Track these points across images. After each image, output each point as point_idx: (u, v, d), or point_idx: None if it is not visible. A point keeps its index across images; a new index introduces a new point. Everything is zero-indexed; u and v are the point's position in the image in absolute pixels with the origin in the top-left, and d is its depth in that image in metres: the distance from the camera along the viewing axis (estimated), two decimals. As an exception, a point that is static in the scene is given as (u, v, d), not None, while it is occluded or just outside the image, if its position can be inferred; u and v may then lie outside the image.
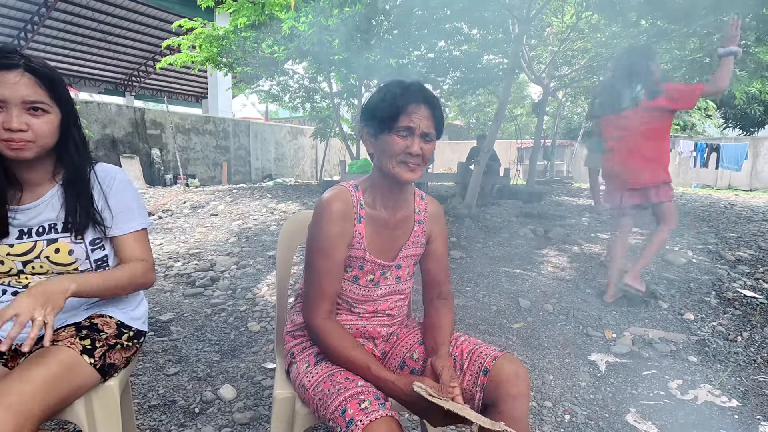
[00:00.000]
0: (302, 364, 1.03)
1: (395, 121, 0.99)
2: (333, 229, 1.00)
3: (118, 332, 1.06)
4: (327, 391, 0.92)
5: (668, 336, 2.24)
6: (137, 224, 1.09)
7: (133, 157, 9.16)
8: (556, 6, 6.84)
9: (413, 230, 1.13)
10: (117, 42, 14.66)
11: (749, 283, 2.88)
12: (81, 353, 0.94)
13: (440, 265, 1.18)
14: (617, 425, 1.57)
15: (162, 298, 2.75)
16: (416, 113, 0.99)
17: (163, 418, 1.57)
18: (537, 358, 2.05)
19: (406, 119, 0.99)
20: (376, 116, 1.01)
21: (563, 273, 3.08)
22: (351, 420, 0.83)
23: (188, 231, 4.60)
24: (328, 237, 1.00)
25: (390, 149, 1.00)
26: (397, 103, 0.99)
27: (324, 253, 1.00)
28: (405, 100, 0.99)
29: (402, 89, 1.00)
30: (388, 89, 1.02)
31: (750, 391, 1.76)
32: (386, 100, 1.00)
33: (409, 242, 1.13)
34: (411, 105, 0.99)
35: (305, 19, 5.24)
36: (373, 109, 1.02)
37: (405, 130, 0.99)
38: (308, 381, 0.97)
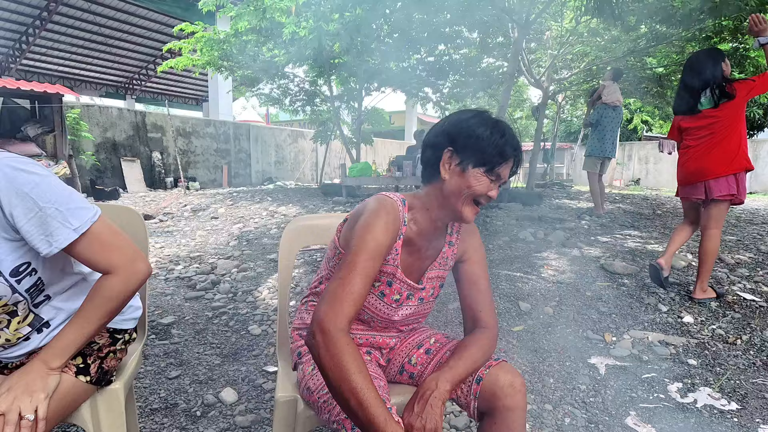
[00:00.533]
0: (308, 365, 1.01)
1: (495, 165, 0.97)
2: (384, 236, 0.94)
3: (111, 340, 1.01)
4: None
5: (668, 339, 2.25)
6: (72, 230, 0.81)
7: (134, 160, 9.18)
8: (555, 10, 6.88)
9: (442, 251, 1.09)
10: (118, 46, 14.72)
11: (749, 286, 2.89)
12: (76, 375, 0.90)
13: (477, 289, 1.09)
14: (617, 428, 1.58)
15: (163, 301, 2.76)
16: (509, 165, 1.00)
17: (165, 421, 1.58)
18: (537, 361, 2.06)
19: (505, 168, 0.98)
20: (480, 150, 0.96)
21: (563, 276, 3.08)
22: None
23: (189, 234, 4.61)
24: (377, 240, 0.92)
25: (474, 187, 0.96)
26: (508, 152, 0.97)
27: (369, 254, 0.90)
28: (513, 151, 0.98)
29: (514, 141, 0.99)
30: (500, 130, 0.98)
31: (750, 395, 1.77)
32: (498, 144, 0.96)
33: (436, 263, 1.08)
34: (513, 159, 0.99)
35: (306, 24, 5.27)
36: (480, 144, 0.96)
37: (496, 176, 0.98)
38: (313, 384, 0.96)
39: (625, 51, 6.61)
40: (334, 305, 0.83)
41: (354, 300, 0.85)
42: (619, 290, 2.84)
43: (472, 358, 0.98)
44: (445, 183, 0.98)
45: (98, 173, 8.54)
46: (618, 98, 5.23)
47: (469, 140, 0.97)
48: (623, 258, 3.41)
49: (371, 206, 0.98)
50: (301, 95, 9.10)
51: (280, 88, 8.88)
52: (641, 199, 7.57)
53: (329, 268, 1.08)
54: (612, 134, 5.18)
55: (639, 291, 2.83)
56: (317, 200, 6.59)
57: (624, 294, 2.79)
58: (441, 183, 0.99)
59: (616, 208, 6.23)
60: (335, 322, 0.81)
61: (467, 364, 0.97)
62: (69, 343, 0.85)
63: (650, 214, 5.79)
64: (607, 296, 2.76)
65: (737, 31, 5.30)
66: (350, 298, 0.84)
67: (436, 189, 1.01)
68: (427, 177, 1.04)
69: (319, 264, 3.35)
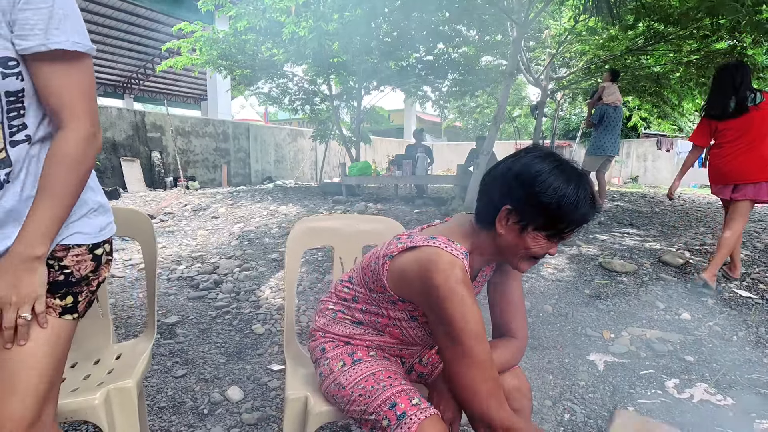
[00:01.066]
0: (336, 361, 1.01)
1: (561, 232, 0.89)
2: (477, 310, 0.87)
3: (95, 263, 0.85)
4: (370, 388, 0.93)
5: (665, 336, 2.29)
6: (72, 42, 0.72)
7: (134, 160, 9.19)
8: (553, 9, 6.90)
9: (482, 270, 1.06)
10: (116, 45, 14.69)
11: (745, 284, 2.93)
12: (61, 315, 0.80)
13: (508, 300, 1.06)
14: (615, 423, 1.61)
15: (166, 301, 2.79)
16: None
17: (173, 419, 1.61)
18: (537, 358, 2.09)
19: (570, 234, 0.91)
20: (543, 214, 0.87)
21: (562, 274, 3.12)
22: (404, 414, 0.86)
23: (190, 234, 4.64)
24: (479, 320, 0.86)
25: (532, 249, 0.90)
26: (580, 220, 0.89)
27: (482, 337, 0.86)
28: (587, 220, 0.90)
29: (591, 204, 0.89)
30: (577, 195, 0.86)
31: (745, 389, 1.81)
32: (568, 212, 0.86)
33: (476, 282, 1.06)
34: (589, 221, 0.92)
35: (305, 24, 5.28)
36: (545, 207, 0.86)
37: (560, 239, 0.92)
38: (345, 379, 0.97)
39: (623, 49, 6.63)
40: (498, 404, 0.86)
41: (500, 385, 0.88)
42: (617, 288, 2.88)
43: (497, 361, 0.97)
44: (500, 237, 0.92)
45: (98, 173, 8.51)
46: (618, 98, 5.29)
47: (534, 203, 0.86)
48: (621, 256, 3.45)
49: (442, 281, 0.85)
50: (300, 94, 9.11)
51: (279, 87, 8.89)
52: (639, 197, 7.61)
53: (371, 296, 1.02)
54: (613, 133, 5.24)
55: (637, 289, 2.87)
56: (317, 199, 6.61)
57: (622, 292, 2.83)
58: (496, 234, 0.92)
59: (614, 206, 6.27)
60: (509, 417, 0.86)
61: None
62: (48, 225, 0.74)
63: (648, 211, 5.83)
64: (606, 294, 2.80)
65: (734, 30, 5.32)
66: (498, 387, 0.88)
67: (489, 237, 0.94)
68: (481, 221, 0.95)
69: (320, 263, 3.38)
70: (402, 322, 1.02)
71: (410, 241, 0.94)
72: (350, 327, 1.06)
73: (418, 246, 0.92)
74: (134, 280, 3.16)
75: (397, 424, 0.85)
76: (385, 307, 1.01)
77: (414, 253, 0.91)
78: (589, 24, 6.56)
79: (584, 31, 6.78)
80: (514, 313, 1.05)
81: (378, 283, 0.99)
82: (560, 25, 7.18)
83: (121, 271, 3.33)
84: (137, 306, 2.70)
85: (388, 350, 1.09)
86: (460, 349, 0.86)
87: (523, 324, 1.05)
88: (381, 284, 0.98)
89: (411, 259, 0.91)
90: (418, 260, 0.89)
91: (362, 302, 1.05)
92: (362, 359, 1.01)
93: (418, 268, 0.89)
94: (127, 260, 3.60)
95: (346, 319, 1.07)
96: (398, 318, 1.02)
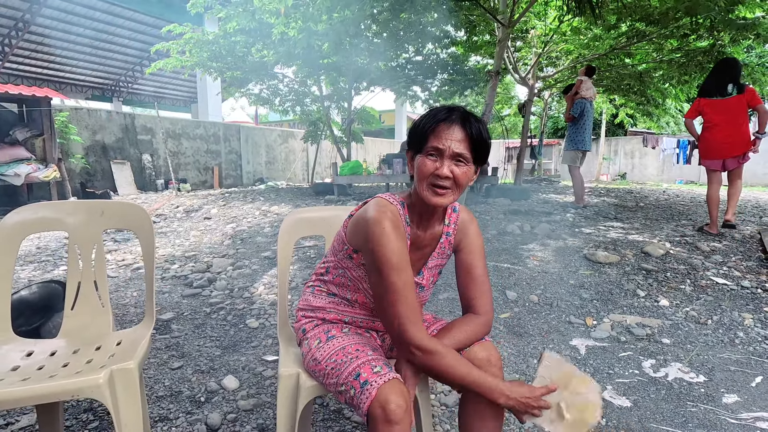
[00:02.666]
0: (314, 340, 1.11)
1: (425, 142, 1.01)
2: (400, 244, 0.99)
3: None
4: (340, 361, 1.01)
5: (644, 321, 2.39)
6: None
7: (124, 162, 9.15)
8: (539, 10, 7.03)
9: (440, 242, 1.15)
10: (104, 48, 14.59)
11: (722, 271, 3.05)
12: None
13: (471, 277, 1.13)
14: (595, 401, 1.70)
15: (161, 299, 2.83)
16: (447, 134, 0.99)
17: (171, 407, 1.66)
18: (523, 344, 2.18)
19: (434, 140, 0.99)
20: (411, 137, 1.05)
21: (548, 266, 3.22)
22: (366, 381, 0.94)
23: (183, 235, 4.67)
24: (398, 252, 0.98)
25: (420, 172, 1.02)
26: (428, 124, 1.01)
27: (400, 268, 0.98)
28: (435, 120, 1.00)
29: (437, 111, 1.02)
30: (428, 113, 1.05)
31: (716, 368, 1.91)
32: (420, 122, 1.03)
33: (435, 253, 1.15)
34: (441, 125, 0.99)
35: (295, 25, 5.34)
36: (411, 131, 1.05)
37: (434, 151, 1.00)
38: (320, 355, 1.06)
39: (607, 48, 6.79)
40: (408, 325, 0.97)
41: (415, 309, 0.98)
42: (600, 278, 2.98)
43: (455, 339, 1.05)
44: (413, 179, 1.08)
45: (88, 176, 8.51)
46: (594, 93, 5.47)
47: (408, 135, 1.07)
48: (605, 248, 3.56)
49: (375, 217, 1.00)
50: (291, 95, 9.15)
51: (269, 88, 8.93)
52: (626, 192, 7.77)
53: (337, 259, 1.16)
54: (589, 128, 5.42)
55: (620, 278, 2.97)
56: (309, 199, 6.66)
57: (605, 281, 2.93)
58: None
59: (601, 201, 6.41)
60: (420, 335, 0.97)
61: (450, 342, 1.04)
62: None
63: (633, 206, 5.98)
64: (589, 284, 2.90)
65: (713, 29, 5.49)
66: (412, 311, 0.98)
67: (414, 185, 1.08)
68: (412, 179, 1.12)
69: (312, 260, 3.44)
70: (362, 283, 1.13)
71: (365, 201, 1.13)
72: (325, 299, 1.18)
73: (368, 201, 1.10)
74: (128, 279, 3.19)
75: (361, 392, 0.93)
76: (347, 266, 1.13)
77: (364, 206, 1.10)
78: (574, 24, 6.71)
79: (569, 31, 6.93)
80: (477, 290, 1.12)
81: (340, 240, 1.14)
82: (546, 25, 7.32)
83: (115, 271, 3.36)
84: (132, 304, 2.74)
85: (362, 322, 1.18)
86: (382, 280, 0.98)
87: (486, 300, 1.12)
88: (342, 240, 1.13)
89: (360, 210, 1.10)
90: (364, 208, 1.08)
91: (332, 271, 1.17)
92: (335, 336, 1.10)
93: (362, 212, 1.07)
94: (120, 260, 3.63)
95: (322, 293, 1.19)
96: (358, 278, 1.12)
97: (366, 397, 0.92)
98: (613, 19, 5.73)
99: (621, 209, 5.63)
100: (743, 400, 1.68)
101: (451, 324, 1.10)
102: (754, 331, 2.24)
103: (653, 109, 8.73)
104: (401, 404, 0.91)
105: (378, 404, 0.90)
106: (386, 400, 0.90)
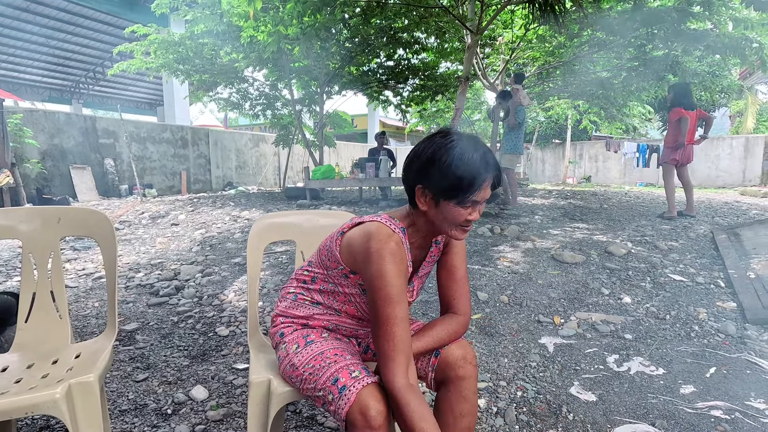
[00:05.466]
0: (292, 345, 1.08)
1: (465, 196, 0.97)
2: (402, 279, 0.96)
3: None
4: (317, 366, 0.99)
5: (609, 318, 2.48)
6: None
7: (84, 167, 8.75)
8: (506, 18, 7.24)
9: (430, 251, 1.15)
10: (62, 47, 13.95)
11: (679, 269, 3.22)
12: None
13: (453, 279, 1.14)
14: (562, 397, 1.76)
15: (125, 308, 2.72)
16: (486, 190, 0.98)
17: (135, 421, 1.60)
18: (493, 344, 2.22)
19: (478, 195, 0.97)
20: (446, 185, 0.97)
21: (517, 267, 3.30)
22: (344, 386, 0.93)
23: (148, 242, 4.50)
24: (399, 286, 0.95)
25: (452, 218, 0.99)
26: (477, 182, 0.96)
27: (396, 300, 0.95)
28: (483, 179, 0.96)
29: (482, 164, 0.96)
30: (464, 160, 0.95)
31: (674, 360, 2.00)
32: (464, 176, 0.95)
33: (425, 262, 1.15)
34: (486, 182, 0.97)
35: (264, 29, 5.28)
36: (445, 176, 0.96)
37: (473, 203, 0.99)
38: (298, 360, 1.03)
39: (571, 56, 7.06)
40: (387, 363, 0.93)
41: (401, 348, 0.94)
42: (567, 277, 3.08)
43: (434, 337, 1.07)
44: (426, 213, 1.02)
45: (45, 182, 8.08)
46: (529, 100, 6.04)
47: (437, 177, 0.97)
48: (572, 248, 3.68)
49: (378, 249, 0.96)
50: (261, 99, 9.02)
51: (239, 92, 8.77)
52: (590, 195, 8.07)
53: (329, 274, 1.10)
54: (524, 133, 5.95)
55: (585, 277, 3.08)
56: (281, 204, 6.57)
57: (572, 281, 3.03)
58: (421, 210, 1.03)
59: (567, 204, 6.63)
60: (396, 377, 0.92)
61: (428, 341, 1.06)
62: None
63: (598, 208, 6.22)
64: (557, 283, 2.99)
65: (667, 40, 5.81)
66: (397, 349, 0.94)
67: (420, 214, 1.04)
68: (411, 203, 1.06)
69: (284, 266, 3.40)
70: (356, 297, 1.10)
71: (359, 219, 1.07)
72: (310, 308, 1.14)
73: (364, 221, 1.05)
74: (89, 289, 3.05)
75: (339, 397, 0.92)
76: (340, 283, 1.10)
77: (360, 227, 1.04)
78: (539, 32, 6.94)
79: (534, 38, 7.16)
80: (457, 291, 1.14)
81: (332, 258, 1.08)
82: (513, 33, 7.55)
83: (74, 281, 3.21)
84: (93, 315, 2.62)
85: (345, 330, 1.16)
86: (378, 311, 0.96)
87: (465, 301, 1.14)
88: (335, 259, 1.08)
89: (357, 232, 1.04)
90: (362, 232, 1.02)
91: (320, 282, 1.13)
92: (314, 341, 1.08)
93: (361, 238, 1.01)
94: (80, 270, 3.47)
95: (306, 301, 1.14)
96: (352, 293, 1.10)
97: (344, 402, 0.91)
98: (576, 28, 5.97)
99: (586, 211, 5.85)
100: (699, 390, 1.77)
101: (432, 323, 1.11)
102: (708, 325, 2.37)
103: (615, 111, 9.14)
104: (381, 410, 0.90)
105: (357, 410, 0.90)
106: (366, 406, 0.89)
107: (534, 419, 1.63)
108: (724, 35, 5.20)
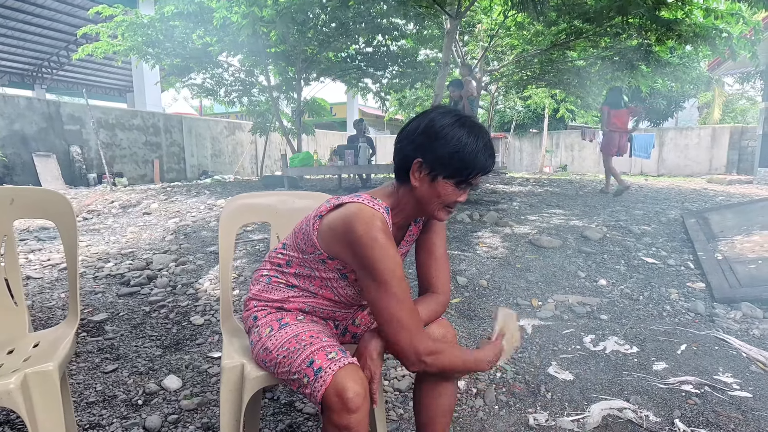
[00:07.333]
0: (265, 328, 1.04)
1: (464, 176, 0.96)
2: (396, 253, 0.94)
3: None
4: (292, 349, 0.95)
5: (585, 300, 2.53)
6: None
7: (48, 155, 8.35)
8: (485, 5, 7.21)
9: (409, 230, 1.13)
10: (22, 29, 13.18)
11: (651, 252, 3.30)
12: None
13: (433, 257, 1.12)
14: (541, 377, 1.77)
15: (93, 299, 2.61)
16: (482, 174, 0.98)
17: (103, 413, 1.53)
18: (473, 327, 2.23)
19: (475, 179, 0.98)
20: (448, 163, 0.94)
21: (496, 252, 3.32)
22: (320, 368, 0.89)
23: (119, 231, 4.34)
24: (397, 261, 0.93)
25: (443, 197, 0.97)
26: (479, 167, 0.95)
27: (399, 276, 0.93)
28: (487, 165, 0.96)
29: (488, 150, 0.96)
30: (476, 143, 0.94)
31: (647, 339, 2.06)
32: (471, 159, 0.94)
33: (404, 242, 1.13)
34: (488, 168, 0.97)
35: (238, 9, 5.10)
36: (452, 155, 0.94)
37: (467, 185, 0.98)
38: (272, 343, 0.99)
39: (548, 44, 7.10)
40: (413, 336, 0.94)
41: (418, 319, 0.96)
42: (545, 261, 3.12)
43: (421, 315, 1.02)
44: (416, 190, 0.98)
45: (6, 170, 7.68)
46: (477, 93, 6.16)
47: (440, 153, 0.94)
48: (549, 233, 3.73)
49: (365, 230, 0.92)
50: (237, 85, 8.77)
51: (213, 78, 8.50)
52: (567, 182, 8.22)
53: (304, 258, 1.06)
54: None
55: (562, 261, 3.13)
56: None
57: (549, 264, 3.07)
58: (412, 188, 0.99)
59: (544, 191, 6.73)
60: (429, 343, 0.95)
61: None
62: None
63: (574, 194, 6.33)
64: (535, 267, 3.02)
65: (641, 29, 5.90)
66: (415, 320, 0.95)
67: (407, 192, 1.00)
68: (399, 178, 1.02)
69: (262, 254, 3.32)
70: (333, 282, 1.06)
71: (337, 200, 1.01)
72: (284, 291, 1.08)
73: (344, 203, 0.98)
74: (54, 281, 2.91)
75: (315, 379, 0.89)
76: (317, 267, 1.05)
77: (340, 210, 0.98)
78: (517, 19, 6.94)
79: (513, 26, 7.16)
80: (437, 269, 1.11)
81: (309, 243, 1.03)
82: (491, 20, 7.53)
83: (39, 272, 3.05)
84: (58, 306, 2.50)
85: (321, 312, 1.12)
86: (383, 286, 0.92)
87: (445, 280, 1.12)
88: (312, 244, 1.02)
89: (337, 215, 0.97)
90: (343, 215, 0.96)
91: (295, 266, 1.07)
92: (289, 323, 1.03)
93: (342, 222, 0.95)
94: (45, 260, 3.31)
95: (280, 284, 1.09)
96: (330, 278, 1.05)
97: (320, 384, 0.88)
98: (554, 16, 5.99)
99: (563, 197, 5.95)
100: (671, 366, 1.82)
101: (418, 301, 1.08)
102: (679, 304, 2.44)
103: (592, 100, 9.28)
104: (359, 391, 0.87)
105: (334, 392, 0.86)
106: (343, 388, 0.86)
107: (513, 399, 1.64)
108: (696, 24, 5.32)
